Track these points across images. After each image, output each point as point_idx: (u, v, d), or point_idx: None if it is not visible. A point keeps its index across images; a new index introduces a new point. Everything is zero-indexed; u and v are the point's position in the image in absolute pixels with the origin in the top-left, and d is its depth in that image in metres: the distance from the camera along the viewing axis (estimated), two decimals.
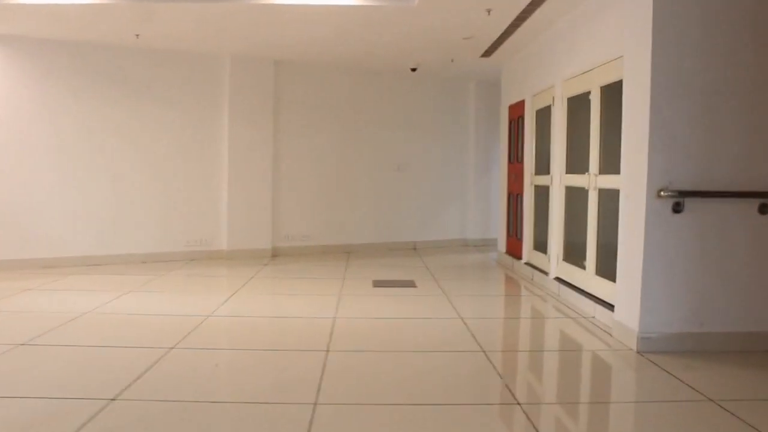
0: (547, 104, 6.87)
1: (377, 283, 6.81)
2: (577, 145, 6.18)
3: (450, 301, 5.89)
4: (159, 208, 8.26)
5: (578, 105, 6.08)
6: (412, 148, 10.04)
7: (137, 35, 7.21)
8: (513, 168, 8.34)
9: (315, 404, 3.25)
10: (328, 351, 4.21)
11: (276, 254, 8.97)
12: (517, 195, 8.09)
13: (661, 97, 4.17)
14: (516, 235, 8.16)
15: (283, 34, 7.22)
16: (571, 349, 4.71)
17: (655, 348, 4.22)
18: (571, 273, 6.05)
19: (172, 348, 4.22)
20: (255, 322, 5.20)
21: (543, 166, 7.27)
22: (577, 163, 6.12)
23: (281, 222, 9.06)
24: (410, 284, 6.81)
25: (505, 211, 8.68)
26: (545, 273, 6.76)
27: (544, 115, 7.14)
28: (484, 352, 4.25)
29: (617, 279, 4.67)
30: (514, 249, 8.21)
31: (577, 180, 5.95)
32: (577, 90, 6.00)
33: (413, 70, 9.14)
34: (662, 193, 4.18)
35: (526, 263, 7.50)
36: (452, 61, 8.61)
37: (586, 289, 5.61)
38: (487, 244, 10.46)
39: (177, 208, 8.37)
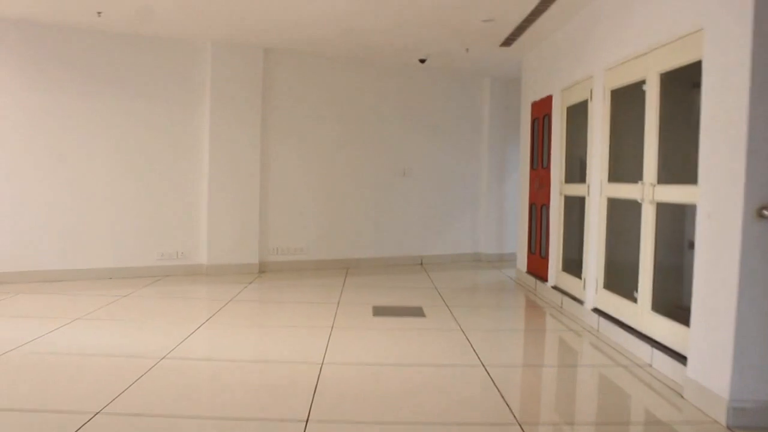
0: (583, 99, 5.76)
1: (378, 311, 5.69)
2: (625, 148, 5.07)
3: (468, 339, 4.76)
4: (127, 215, 7.16)
5: (626, 98, 4.97)
6: (420, 151, 8.92)
7: (99, 13, 6.12)
8: (536, 175, 7.22)
9: None
10: (307, 421, 3.09)
11: (264, 269, 7.85)
12: (542, 206, 6.97)
13: (766, 82, 3.05)
14: (540, 253, 7.04)
15: (273, 15, 6.13)
16: (637, 420, 3.55)
17: (752, 422, 3.09)
18: (615, 305, 4.92)
19: (97, 413, 3.10)
20: (219, 368, 4.08)
21: (576, 173, 6.16)
22: (624, 170, 5.01)
23: (270, 233, 7.94)
24: (418, 312, 5.69)
25: (526, 224, 7.55)
26: (579, 301, 5.63)
27: (577, 113, 6.03)
28: (520, 425, 3.12)
29: (693, 322, 3.54)
30: (537, 268, 7.09)
31: (624, 190, 4.83)
32: (624, 80, 4.88)
33: (422, 61, 8.04)
34: (766, 211, 3.06)
35: (554, 287, 6.38)
36: (467, 50, 7.50)
37: (637, 328, 4.48)
38: (502, 260, 9.34)
39: (149, 216, 7.26)
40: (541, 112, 7.08)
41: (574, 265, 6.06)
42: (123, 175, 7.11)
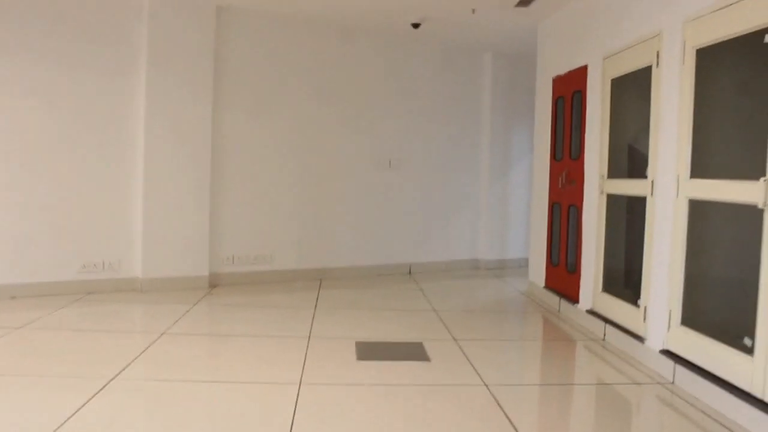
0: (642, 66, 4.28)
1: (363, 351, 4.16)
2: (717, 131, 3.61)
3: (499, 405, 3.25)
4: (37, 215, 5.51)
5: (719, 60, 3.50)
6: (409, 139, 7.40)
7: None
8: (561, 167, 5.74)
9: None
10: None
11: (215, 283, 6.26)
12: (569, 206, 5.51)
13: None
14: (565, 266, 5.57)
15: None
16: None
17: None
18: (707, 352, 3.46)
19: None
20: None
21: (623, 165, 4.71)
22: (717, 159, 3.55)
23: (223, 238, 6.34)
24: (418, 353, 4.17)
25: (545, 228, 6.08)
26: (635, 336, 4.18)
27: (629, 86, 4.56)
28: None
29: None
30: (560, 285, 5.62)
31: (726, 190, 3.36)
32: (722, 31, 3.40)
33: (415, 26, 6.49)
34: None
35: (590, 311, 4.91)
36: (473, 12, 5.98)
37: (755, 394, 3.02)
38: (503, 267, 7.93)
39: (66, 215, 5.61)
40: (569, 88, 5.60)
41: (622, 285, 4.61)
42: (30, 163, 5.45)
